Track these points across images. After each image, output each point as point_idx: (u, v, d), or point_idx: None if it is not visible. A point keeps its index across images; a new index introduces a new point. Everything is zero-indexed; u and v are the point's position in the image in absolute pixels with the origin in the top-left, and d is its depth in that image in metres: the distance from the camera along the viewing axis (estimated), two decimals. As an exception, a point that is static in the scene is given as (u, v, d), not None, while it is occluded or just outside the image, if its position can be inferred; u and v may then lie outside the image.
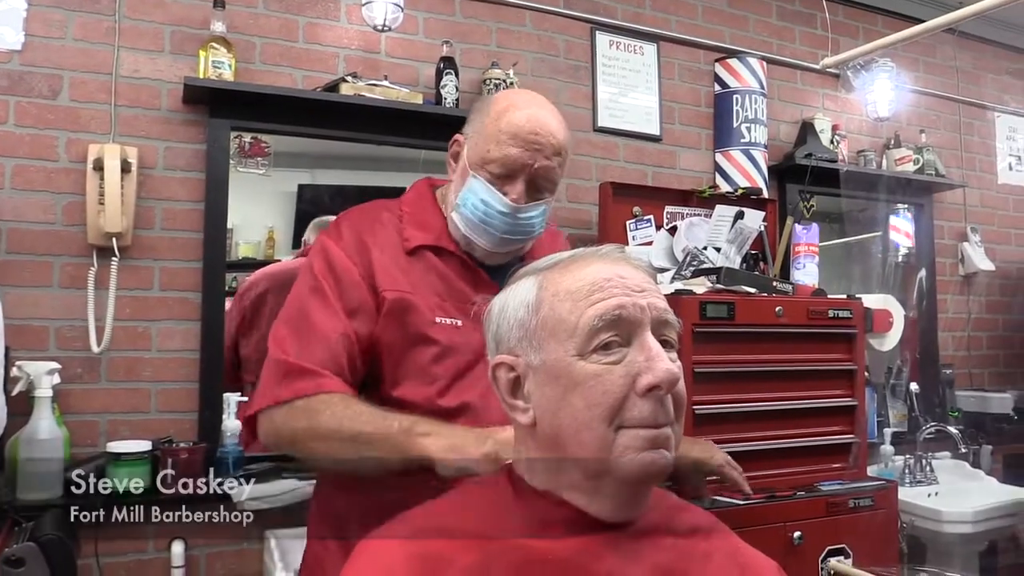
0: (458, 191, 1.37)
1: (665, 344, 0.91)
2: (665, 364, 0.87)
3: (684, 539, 0.95)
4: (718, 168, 3.33)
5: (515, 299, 0.96)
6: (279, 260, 2.75)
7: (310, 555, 1.45)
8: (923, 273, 3.83)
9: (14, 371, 2.10)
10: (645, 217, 2.99)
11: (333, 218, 2.76)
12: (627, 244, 2.92)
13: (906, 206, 3.72)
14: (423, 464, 1.16)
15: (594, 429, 0.86)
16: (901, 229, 3.72)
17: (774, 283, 2.71)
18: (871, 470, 3.02)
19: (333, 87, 2.56)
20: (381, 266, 1.35)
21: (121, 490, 2.16)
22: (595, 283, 0.90)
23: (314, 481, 1.56)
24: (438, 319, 1.34)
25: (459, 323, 1.34)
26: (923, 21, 2.74)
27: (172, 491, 2.21)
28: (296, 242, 2.82)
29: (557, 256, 0.99)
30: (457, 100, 2.71)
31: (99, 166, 2.26)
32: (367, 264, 1.35)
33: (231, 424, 2.35)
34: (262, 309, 2.61)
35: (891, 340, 3.32)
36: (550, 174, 1.35)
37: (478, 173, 1.34)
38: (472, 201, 1.33)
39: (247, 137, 2.59)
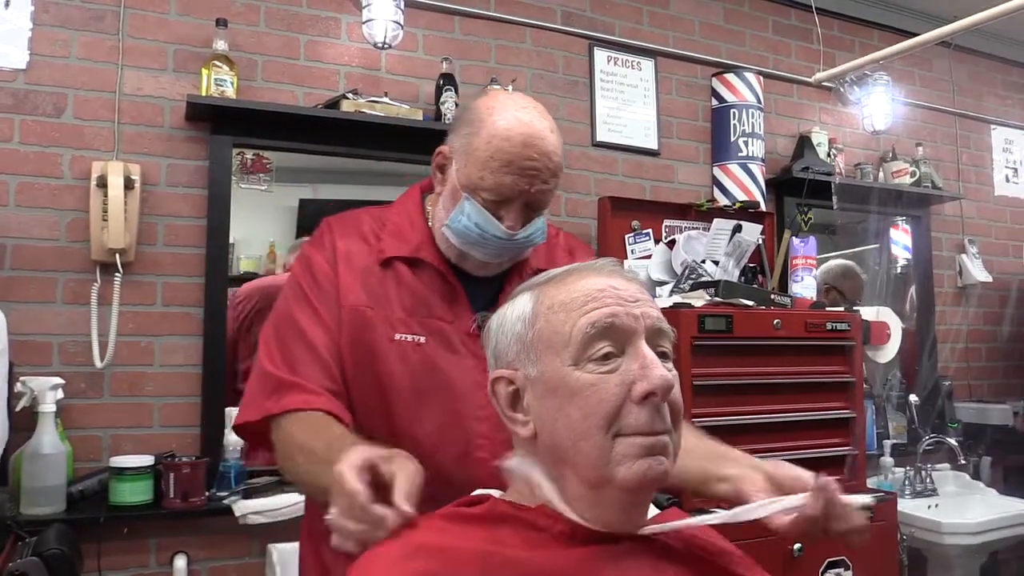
0: (449, 209, 1.29)
1: (661, 355, 0.91)
2: (660, 371, 0.87)
3: (688, 558, 0.95)
4: (716, 182, 3.35)
5: (512, 314, 0.97)
6: (250, 281, 2.74)
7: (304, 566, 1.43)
8: (914, 286, 3.84)
9: (18, 386, 2.12)
10: (644, 231, 3.01)
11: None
12: (626, 258, 2.94)
13: (904, 219, 3.73)
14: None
15: (591, 438, 0.87)
16: (899, 243, 3.74)
17: (772, 296, 2.72)
18: (871, 482, 3.03)
19: (334, 104, 2.58)
20: (345, 277, 1.31)
21: (124, 505, 2.19)
22: (588, 294, 0.91)
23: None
24: (397, 335, 1.28)
25: (421, 340, 1.28)
26: (918, 35, 2.77)
27: (174, 505, 2.23)
28: (298, 257, 2.83)
29: (553, 271, 0.99)
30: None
31: (103, 183, 2.28)
32: (335, 273, 1.31)
33: (233, 439, 2.36)
34: (258, 325, 2.61)
35: (889, 352, 3.34)
36: (546, 196, 1.28)
37: (471, 196, 1.25)
38: (465, 223, 1.25)
39: (249, 153, 2.61)
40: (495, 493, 1.00)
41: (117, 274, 2.31)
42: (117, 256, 2.29)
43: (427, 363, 1.28)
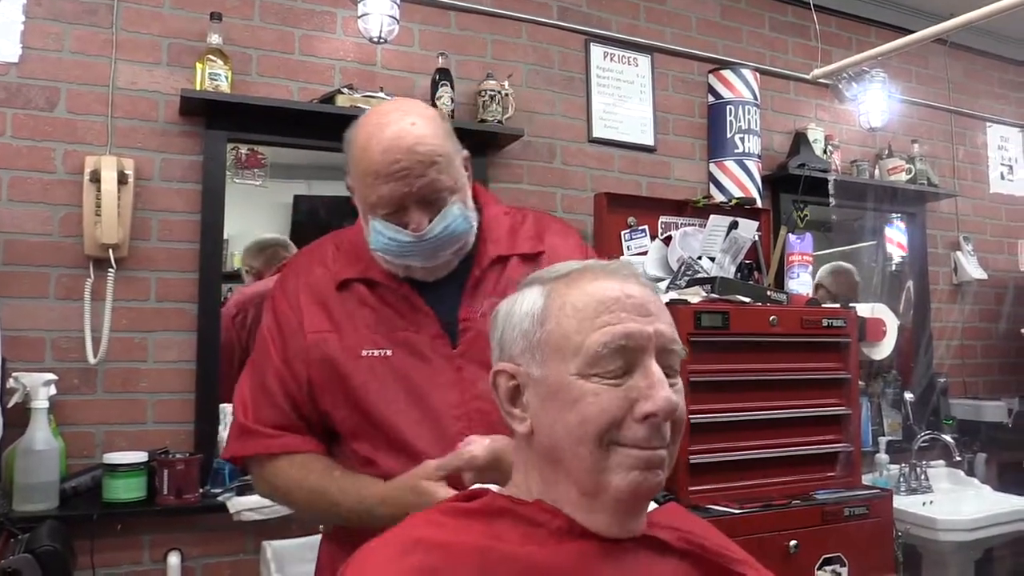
0: (368, 234, 1.31)
1: (668, 371, 0.90)
2: (665, 392, 0.86)
3: (686, 555, 0.95)
4: (712, 178, 3.35)
5: (521, 308, 0.95)
6: (236, 291, 2.72)
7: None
8: (910, 283, 3.85)
9: (10, 382, 2.11)
10: (640, 227, 3.01)
11: (266, 237, 2.76)
12: (622, 254, 2.94)
13: (899, 216, 3.73)
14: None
15: (588, 444, 0.86)
16: (895, 240, 3.74)
17: (768, 292, 2.72)
18: (867, 479, 3.02)
19: (329, 99, 2.57)
20: (308, 307, 1.34)
21: (117, 501, 2.18)
22: (603, 302, 0.89)
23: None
24: (364, 352, 1.30)
25: (388, 353, 1.30)
26: (915, 32, 2.77)
27: (168, 502, 2.22)
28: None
29: (566, 266, 0.97)
30: (453, 112, 2.73)
31: (96, 178, 2.26)
32: (299, 308, 1.34)
33: (227, 435, 2.35)
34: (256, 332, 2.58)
35: (884, 349, 3.34)
36: (434, 185, 1.26)
37: (373, 216, 1.28)
38: (382, 241, 1.28)
39: (244, 148, 2.59)
40: (493, 487, 0.99)
41: (110, 269, 2.29)
42: (110, 251, 2.27)
43: (396, 373, 1.30)
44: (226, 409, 2.38)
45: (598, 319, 0.88)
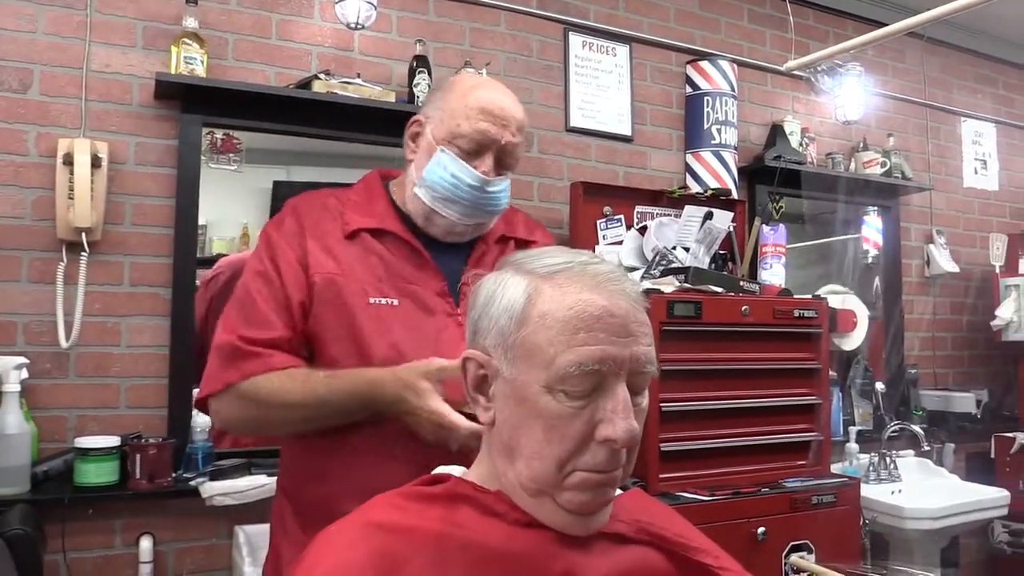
0: (422, 167, 1.38)
1: (636, 387, 0.89)
2: (627, 423, 0.85)
3: (647, 543, 0.96)
4: (688, 169, 3.37)
5: (501, 300, 0.92)
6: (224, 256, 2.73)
7: (272, 549, 1.45)
8: (879, 275, 3.90)
9: (-19, 366, 2.10)
10: (615, 217, 3.02)
11: None
12: (597, 244, 2.95)
13: (875, 209, 3.77)
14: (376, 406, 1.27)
15: (546, 461, 0.87)
16: (871, 237, 3.77)
17: (741, 283, 2.75)
18: (837, 468, 3.07)
19: (306, 84, 2.56)
20: (314, 250, 1.36)
21: (89, 485, 2.17)
22: (583, 319, 0.86)
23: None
24: (372, 299, 1.34)
25: (395, 303, 1.35)
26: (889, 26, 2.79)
27: (141, 486, 2.22)
28: (271, 239, 2.82)
29: (554, 259, 0.93)
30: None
31: (69, 161, 2.25)
32: (303, 248, 1.37)
33: (201, 420, 2.35)
34: (227, 297, 2.59)
35: (855, 339, 3.38)
36: (515, 150, 1.39)
37: (446, 148, 1.35)
38: (439, 174, 1.35)
39: (219, 133, 2.58)
40: (456, 471, 1.00)
41: (83, 253, 2.28)
42: (83, 235, 2.26)
43: (405, 323, 1.35)
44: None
45: (576, 336, 0.85)
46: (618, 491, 1.00)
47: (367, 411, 1.28)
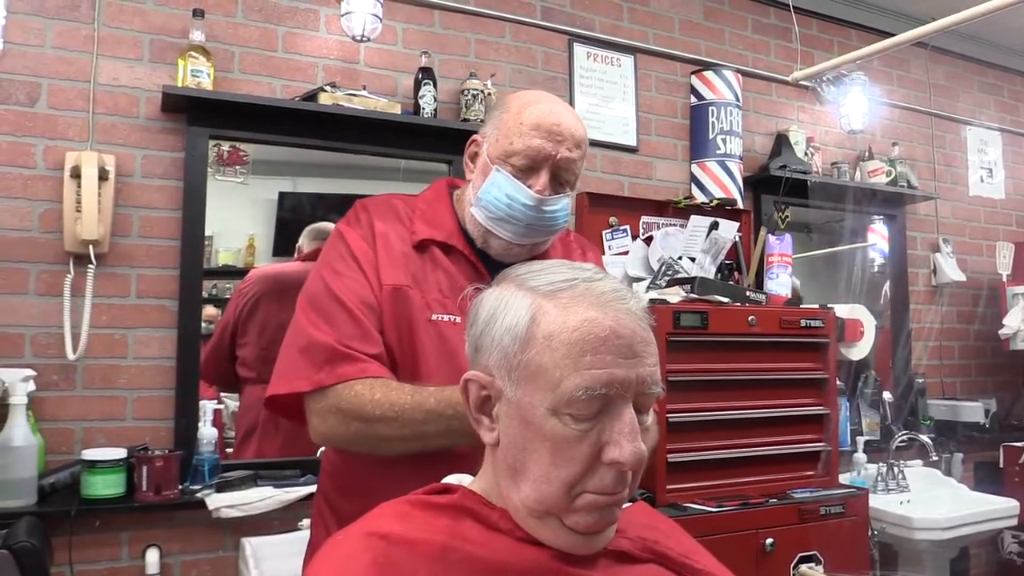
0: (478, 187, 1.36)
1: (642, 407, 0.88)
2: (634, 446, 0.85)
3: (652, 561, 0.95)
4: (694, 179, 3.37)
5: (504, 319, 0.91)
6: (257, 268, 2.76)
7: (311, 547, 1.45)
8: (888, 285, 3.89)
9: (-11, 378, 2.10)
10: (621, 227, 3.02)
11: (328, 224, 2.77)
12: (603, 254, 2.95)
13: (880, 218, 3.77)
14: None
15: (554, 484, 0.86)
16: (878, 244, 3.77)
17: (747, 293, 2.74)
18: (844, 478, 3.05)
19: (311, 96, 2.57)
20: (385, 256, 1.35)
21: (96, 498, 2.17)
22: (588, 340, 0.84)
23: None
24: (434, 316, 1.33)
25: (457, 320, 1.33)
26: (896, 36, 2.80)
27: (147, 499, 2.22)
28: (277, 250, 2.83)
29: (556, 277, 0.91)
30: (435, 110, 2.74)
31: (76, 174, 2.26)
32: (375, 253, 1.35)
33: (207, 432, 2.35)
34: (255, 313, 2.62)
35: (862, 349, 3.37)
36: (572, 166, 1.36)
37: (501, 167, 1.34)
38: (494, 194, 1.33)
39: (225, 145, 2.59)
40: (465, 481, 0.99)
41: (90, 265, 2.29)
42: (90, 247, 2.27)
43: (463, 341, 1.32)
44: (207, 406, 2.39)
45: (582, 359, 0.84)
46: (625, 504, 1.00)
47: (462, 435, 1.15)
